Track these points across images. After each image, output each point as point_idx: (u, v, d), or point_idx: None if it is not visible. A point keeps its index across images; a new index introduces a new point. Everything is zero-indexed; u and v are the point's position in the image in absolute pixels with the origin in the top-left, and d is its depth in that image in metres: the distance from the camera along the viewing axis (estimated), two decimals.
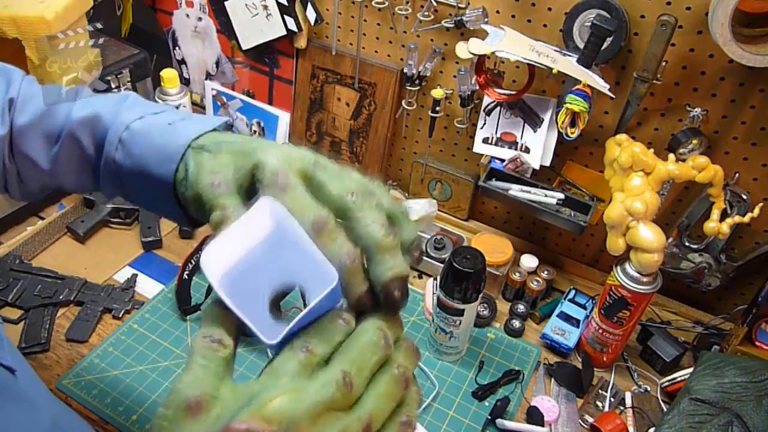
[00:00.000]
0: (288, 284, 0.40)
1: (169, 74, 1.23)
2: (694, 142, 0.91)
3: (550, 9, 0.95)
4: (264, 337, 0.36)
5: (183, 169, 0.49)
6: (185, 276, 1.03)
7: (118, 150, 0.53)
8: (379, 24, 1.12)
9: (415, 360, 0.41)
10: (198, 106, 1.42)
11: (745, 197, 0.92)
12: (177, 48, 1.39)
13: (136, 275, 1.09)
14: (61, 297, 1.02)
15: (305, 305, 0.38)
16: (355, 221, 0.40)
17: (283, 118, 1.31)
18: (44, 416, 0.57)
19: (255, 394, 0.34)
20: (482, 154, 1.11)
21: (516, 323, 1.04)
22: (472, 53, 0.96)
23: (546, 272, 1.10)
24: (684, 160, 0.86)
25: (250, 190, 0.46)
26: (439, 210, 1.20)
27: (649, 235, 0.84)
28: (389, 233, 0.40)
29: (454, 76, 1.08)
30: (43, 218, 1.19)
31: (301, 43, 1.20)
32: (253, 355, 0.98)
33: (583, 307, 1.06)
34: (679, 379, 0.93)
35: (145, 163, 0.51)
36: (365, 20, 1.12)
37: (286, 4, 1.14)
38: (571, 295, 1.08)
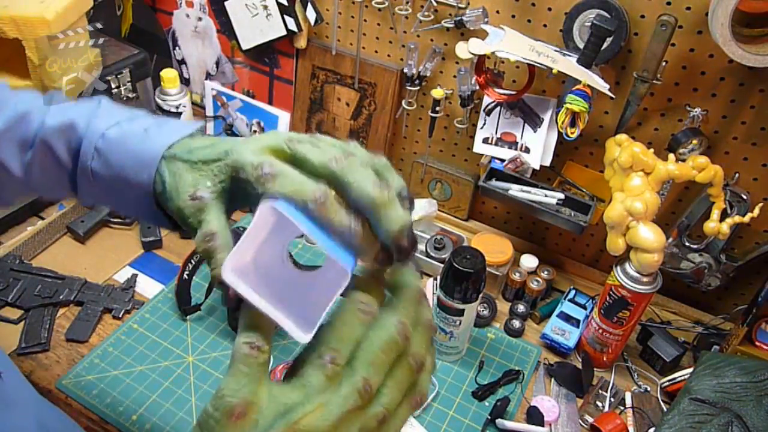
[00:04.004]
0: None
1: (169, 74, 1.23)
2: (694, 142, 0.91)
3: (550, 9, 0.95)
4: (299, 331, 0.39)
5: (159, 180, 0.49)
6: (185, 276, 1.03)
7: (94, 159, 0.52)
8: (379, 24, 1.12)
9: (429, 341, 0.43)
10: (198, 106, 1.42)
11: (745, 197, 0.92)
12: (177, 48, 1.39)
13: (136, 275, 1.09)
14: (61, 297, 1.02)
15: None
16: (347, 186, 0.40)
17: (283, 118, 1.31)
18: (30, 419, 0.57)
19: (289, 408, 0.38)
20: (482, 154, 1.11)
21: (516, 323, 1.04)
22: (472, 53, 0.96)
23: (546, 272, 1.10)
24: (684, 160, 0.86)
25: (235, 193, 0.46)
26: (439, 210, 1.20)
27: (649, 235, 0.84)
28: (383, 188, 0.40)
29: (454, 76, 1.08)
30: (43, 218, 1.19)
31: (301, 43, 1.20)
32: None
33: (583, 307, 1.06)
34: (679, 379, 0.93)
35: (123, 172, 0.51)
36: (365, 20, 1.12)
37: (286, 4, 1.14)
38: (571, 295, 1.08)
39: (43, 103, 0.55)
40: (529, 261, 1.10)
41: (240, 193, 0.45)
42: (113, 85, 1.18)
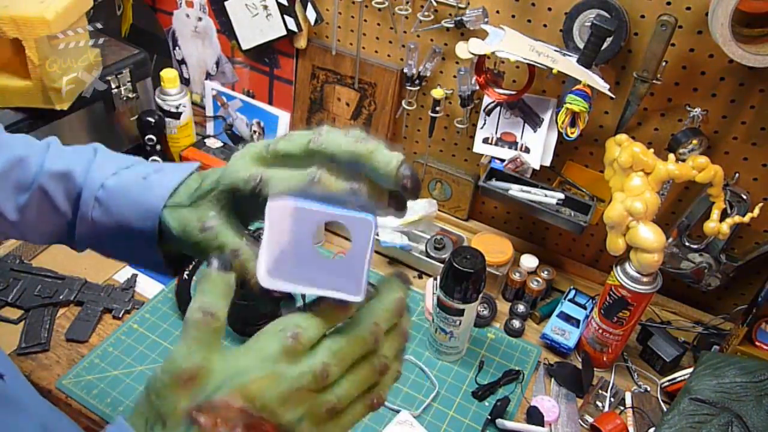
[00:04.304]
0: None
1: (169, 74, 1.23)
2: (694, 142, 0.91)
3: (550, 9, 0.95)
4: (351, 296, 0.40)
5: (166, 230, 0.50)
6: (185, 276, 1.03)
7: (95, 209, 0.53)
8: (379, 24, 1.12)
9: (401, 350, 0.44)
10: (198, 106, 1.42)
11: (745, 197, 0.92)
12: (177, 48, 1.39)
13: (136, 275, 1.09)
14: (61, 297, 1.02)
15: None
16: (331, 155, 0.41)
17: (283, 118, 1.31)
18: (33, 421, 0.57)
19: (239, 372, 0.38)
20: (482, 154, 1.11)
21: (516, 323, 1.04)
22: (472, 53, 0.96)
23: (546, 272, 1.10)
24: (684, 160, 0.86)
25: (245, 208, 0.48)
26: (439, 210, 1.20)
27: (649, 235, 0.84)
28: (364, 139, 0.41)
29: (454, 76, 1.08)
30: None
31: (301, 43, 1.20)
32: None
33: (583, 307, 1.06)
34: (679, 379, 0.93)
35: (125, 220, 0.52)
36: (365, 20, 1.12)
37: (286, 4, 1.14)
38: (571, 295, 1.08)
39: (40, 148, 0.56)
40: (529, 261, 1.10)
41: (250, 207, 0.47)
42: (113, 85, 1.18)
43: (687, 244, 0.99)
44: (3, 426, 0.52)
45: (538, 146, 1.05)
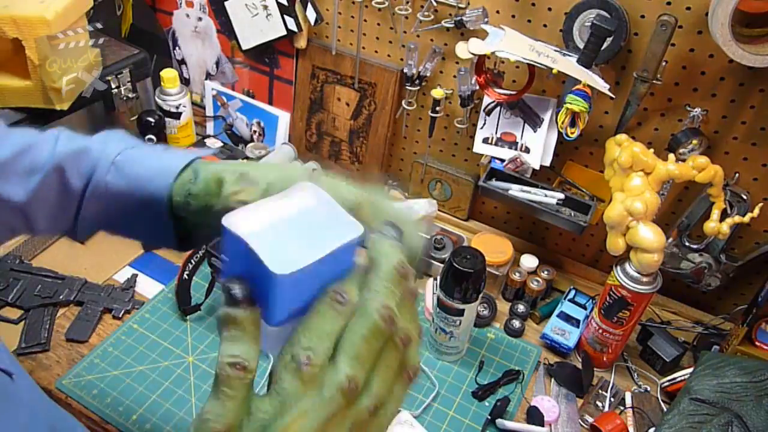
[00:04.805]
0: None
1: (169, 74, 1.23)
2: (694, 142, 0.91)
3: (550, 9, 0.95)
4: (271, 267, 0.34)
5: (191, 172, 0.52)
6: (185, 276, 1.03)
7: (110, 172, 0.54)
8: (379, 24, 1.12)
9: (415, 312, 0.41)
10: (198, 106, 1.42)
11: (745, 197, 0.92)
12: (177, 48, 1.39)
13: (136, 275, 1.09)
14: (61, 297, 1.02)
15: None
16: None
17: (283, 118, 1.31)
18: (41, 422, 0.57)
19: (266, 423, 0.35)
20: (482, 154, 1.11)
21: (516, 323, 1.04)
22: (472, 53, 0.96)
23: (546, 272, 1.10)
24: (684, 160, 0.86)
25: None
26: (439, 210, 1.20)
27: (649, 235, 0.84)
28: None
29: (454, 76, 1.08)
30: None
31: (301, 43, 1.20)
32: None
33: (583, 307, 1.06)
34: (679, 379, 0.93)
35: (139, 181, 0.53)
36: (365, 20, 1.12)
37: (286, 4, 1.14)
38: (571, 295, 1.08)
39: (51, 134, 0.57)
40: (529, 261, 1.10)
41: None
42: (113, 85, 1.18)
43: (687, 244, 0.99)
44: (13, 426, 0.51)
45: (538, 146, 1.05)
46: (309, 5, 1.13)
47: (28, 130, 0.58)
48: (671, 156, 0.86)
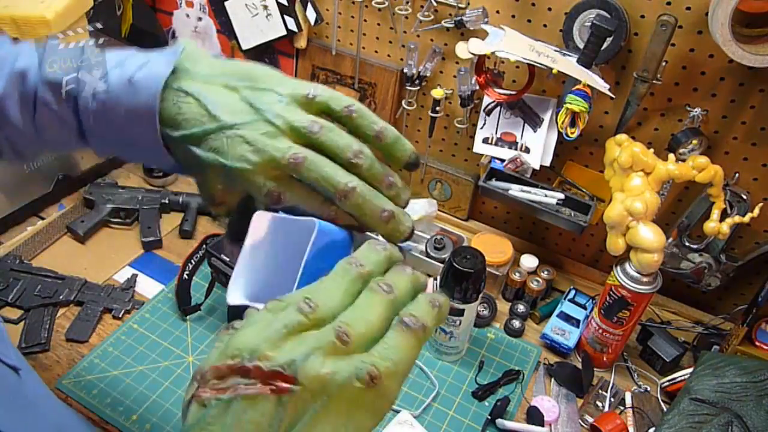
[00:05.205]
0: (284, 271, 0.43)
1: None
2: (694, 142, 0.91)
3: (550, 9, 0.95)
4: (232, 293, 0.41)
5: (173, 107, 0.48)
6: (185, 276, 1.03)
7: (94, 120, 0.51)
8: (379, 24, 1.12)
9: (410, 284, 0.41)
10: None
11: (745, 197, 0.92)
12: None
13: (136, 275, 1.09)
14: (61, 297, 1.02)
15: None
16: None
17: None
18: (48, 419, 0.57)
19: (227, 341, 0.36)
20: (482, 154, 1.11)
21: (516, 323, 1.04)
22: (472, 53, 0.96)
23: (546, 272, 1.10)
24: (684, 160, 0.86)
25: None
26: (439, 210, 1.20)
27: (649, 235, 0.84)
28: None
29: (454, 76, 1.08)
30: (43, 218, 1.19)
31: (301, 43, 1.20)
32: None
33: (583, 307, 1.06)
34: (679, 379, 0.93)
35: (125, 134, 0.50)
36: (365, 20, 1.12)
37: (286, 4, 1.14)
38: (571, 295, 1.08)
39: (37, 56, 0.53)
40: (529, 261, 1.10)
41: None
42: None
43: (687, 244, 0.99)
44: (20, 424, 0.51)
45: (538, 146, 1.05)
46: (309, 5, 1.13)
47: (25, 48, 0.54)
48: (671, 156, 0.86)
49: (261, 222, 0.43)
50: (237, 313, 0.40)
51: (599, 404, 0.94)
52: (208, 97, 0.47)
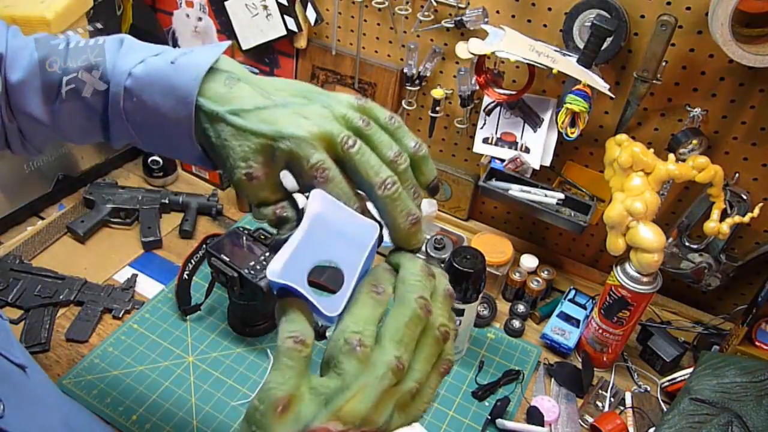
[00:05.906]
0: (323, 262, 0.44)
1: None
2: (694, 142, 0.91)
3: (550, 9, 0.95)
4: (325, 311, 0.42)
5: (204, 136, 0.49)
6: (185, 276, 1.03)
7: (125, 100, 0.51)
8: (379, 24, 1.12)
9: (450, 309, 0.46)
10: None
11: (745, 197, 0.92)
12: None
13: (136, 275, 1.09)
14: (61, 297, 1.02)
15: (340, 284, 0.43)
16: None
17: None
18: (55, 416, 0.57)
19: (329, 397, 0.40)
20: (482, 154, 1.11)
21: (516, 323, 1.04)
22: (472, 53, 0.96)
23: (546, 272, 1.10)
24: (684, 160, 0.86)
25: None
26: (439, 210, 1.20)
27: (649, 235, 0.84)
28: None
29: (454, 76, 1.08)
30: (43, 218, 1.19)
31: (301, 43, 1.20)
32: (253, 355, 0.98)
33: (583, 307, 1.06)
34: (679, 379, 0.93)
35: (158, 109, 0.50)
36: (365, 20, 1.12)
37: (286, 4, 1.14)
38: (571, 295, 1.08)
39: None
40: (529, 261, 1.10)
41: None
42: None
43: (687, 244, 0.99)
44: (29, 422, 0.51)
45: (538, 146, 1.05)
46: (309, 5, 1.13)
47: (41, 39, 0.54)
48: (671, 156, 0.86)
49: (318, 201, 0.44)
50: (276, 290, 0.42)
51: (599, 404, 0.94)
52: (260, 85, 0.49)
